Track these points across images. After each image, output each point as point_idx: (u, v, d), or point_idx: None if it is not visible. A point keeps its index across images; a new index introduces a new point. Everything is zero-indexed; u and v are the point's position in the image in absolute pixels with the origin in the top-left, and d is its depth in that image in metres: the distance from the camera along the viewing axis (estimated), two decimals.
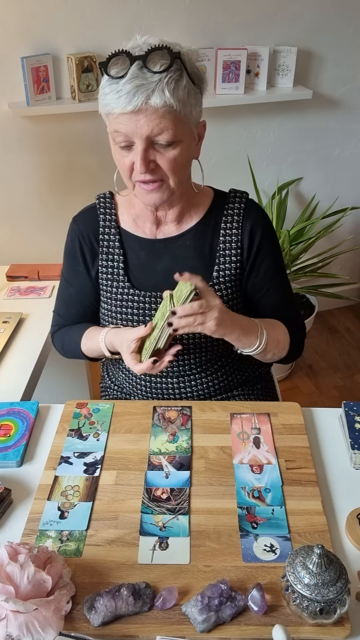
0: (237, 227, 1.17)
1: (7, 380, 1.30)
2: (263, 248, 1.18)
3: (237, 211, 1.17)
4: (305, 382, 2.62)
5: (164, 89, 0.95)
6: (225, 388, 1.29)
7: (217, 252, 1.18)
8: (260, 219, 1.19)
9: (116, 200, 1.23)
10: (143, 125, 0.97)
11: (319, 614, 0.76)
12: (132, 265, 1.20)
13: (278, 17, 2.22)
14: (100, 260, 1.21)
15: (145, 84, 0.94)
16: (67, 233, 1.25)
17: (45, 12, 1.93)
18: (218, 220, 1.18)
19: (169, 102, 0.96)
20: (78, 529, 0.93)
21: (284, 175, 2.58)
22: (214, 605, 0.78)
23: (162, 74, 0.94)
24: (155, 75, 0.94)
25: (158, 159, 1.02)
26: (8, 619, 0.72)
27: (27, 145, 2.13)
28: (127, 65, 0.95)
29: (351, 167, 2.69)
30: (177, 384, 1.26)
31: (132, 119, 0.97)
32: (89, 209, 1.24)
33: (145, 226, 1.19)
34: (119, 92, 0.95)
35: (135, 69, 0.94)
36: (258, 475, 1.02)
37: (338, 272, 2.81)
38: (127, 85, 0.94)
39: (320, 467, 1.05)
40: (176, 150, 1.02)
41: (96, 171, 2.26)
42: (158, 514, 0.95)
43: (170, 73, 0.95)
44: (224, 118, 2.34)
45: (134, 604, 0.79)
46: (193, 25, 2.13)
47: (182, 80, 0.98)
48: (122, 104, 0.95)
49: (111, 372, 1.39)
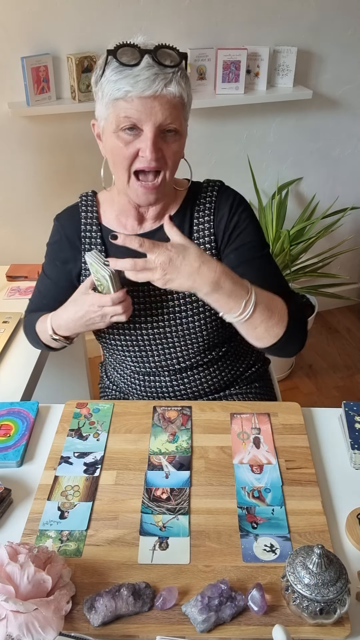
0: (209, 214, 1.16)
1: (7, 380, 1.30)
2: (237, 226, 1.15)
3: (209, 199, 1.17)
4: (305, 382, 2.62)
5: (179, 80, 0.99)
6: (221, 385, 1.29)
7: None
8: (231, 201, 1.16)
9: (98, 199, 1.24)
10: (158, 112, 0.98)
11: (319, 614, 0.76)
12: None
13: (278, 17, 2.22)
14: (83, 257, 1.22)
15: (161, 73, 0.97)
16: (51, 230, 1.27)
17: (45, 12, 1.93)
18: (192, 211, 1.18)
19: (182, 94, 1.00)
20: (78, 529, 0.93)
21: (284, 175, 2.58)
22: (214, 605, 0.78)
23: (173, 68, 0.98)
24: (167, 68, 0.98)
25: (164, 148, 1.03)
26: (8, 619, 0.72)
27: (27, 145, 2.13)
28: (137, 56, 0.97)
29: (351, 167, 2.69)
30: (169, 382, 1.26)
31: (147, 104, 0.97)
32: (71, 207, 1.25)
33: (127, 222, 1.19)
34: (137, 77, 0.96)
35: (148, 59, 0.97)
36: (258, 475, 1.02)
37: (338, 272, 2.82)
38: (145, 71, 0.96)
39: (320, 467, 1.05)
40: (178, 143, 1.04)
41: (96, 171, 2.23)
42: (158, 514, 0.95)
43: (180, 70, 1.00)
44: (224, 118, 2.34)
45: (134, 604, 0.79)
46: (193, 25, 2.13)
47: (188, 80, 1.03)
48: (140, 87, 0.96)
49: (109, 373, 1.39)
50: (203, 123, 2.32)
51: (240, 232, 1.15)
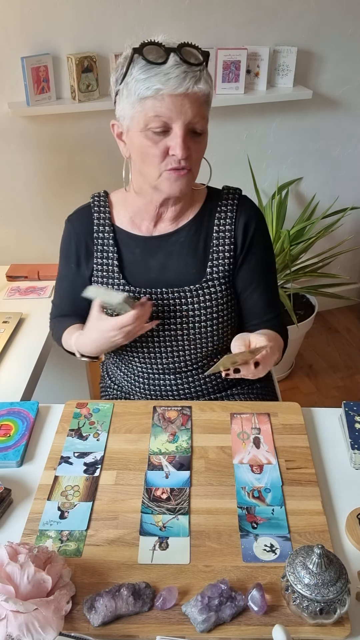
0: (231, 222, 1.17)
1: (7, 380, 1.30)
2: (255, 242, 1.19)
3: (230, 207, 1.18)
4: (305, 382, 2.62)
5: (206, 78, 1.00)
6: (224, 385, 1.30)
7: (211, 248, 1.18)
8: (253, 214, 1.19)
9: (110, 199, 1.23)
10: (188, 110, 0.99)
11: (319, 614, 0.76)
12: (127, 263, 1.20)
13: (278, 17, 2.22)
14: (95, 259, 1.21)
15: (190, 70, 0.97)
16: (63, 232, 1.26)
17: (45, 12, 1.93)
18: (212, 217, 1.18)
19: (210, 92, 1.01)
20: (78, 529, 0.93)
21: (284, 175, 2.58)
22: (214, 605, 0.78)
23: (199, 66, 0.99)
24: (194, 66, 0.98)
25: (192, 148, 1.04)
26: (8, 619, 0.72)
27: (27, 145, 2.13)
28: (163, 54, 0.97)
29: (351, 167, 2.69)
30: (174, 381, 1.26)
31: (177, 102, 0.98)
32: (83, 208, 1.24)
33: (142, 224, 1.19)
34: (167, 74, 0.96)
35: (175, 57, 0.97)
36: (258, 475, 1.02)
37: (338, 272, 2.81)
38: (175, 69, 0.97)
39: (320, 467, 1.05)
40: (204, 142, 1.06)
41: (96, 171, 2.26)
42: (158, 514, 0.95)
43: (204, 68, 1.00)
44: (224, 118, 2.34)
45: (134, 604, 0.79)
46: (193, 25, 2.13)
47: (211, 78, 1.04)
48: (172, 85, 0.96)
49: (111, 372, 1.39)
50: None
51: (259, 249, 1.20)
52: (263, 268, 1.22)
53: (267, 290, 1.24)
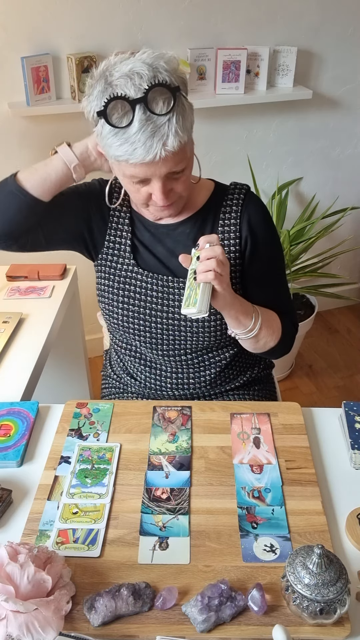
0: (236, 217, 1.17)
1: (7, 380, 1.30)
2: (263, 237, 1.18)
3: (236, 202, 1.18)
4: (305, 382, 2.62)
5: (176, 130, 0.93)
6: (224, 379, 1.30)
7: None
8: (259, 210, 1.19)
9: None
10: (161, 168, 0.97)
11: (319, 614, 0.76)
12: (138, 245, 1.21)
13: (278, 17, 2.22)
14: (108, 236, 1.21)
15: (157, 130, 0.92)
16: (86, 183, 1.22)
17: (45, 12, 1.93)
18: (217, 211, 1.18)
19: (183, 140, 0.95)
20: None
21: (284, 175, 2.58)
22: (214, 605, 0.78)
23: (168, 115, 0.92)
24: (161, 117, 0.92)
25: (174, 186, 1.04)
26: (8, 619, 0.72)
27: (27, 145, 2.13)
28: (128, 110, 0.92)
29: (351, 167, 2.69)
30: (174, 368, 1.27)
31: (150, 166, 0.96)
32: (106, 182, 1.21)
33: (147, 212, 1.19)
34: (133, 143, 0.93)
35: (140, 114, 0.91)
36: (258, 475, 1.02)
37: (338, 272, 2.82)
38: (141, 135, 0.92)
39: (320, 467, 1.05)
40: (187, 172, 1.04)
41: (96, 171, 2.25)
42: (158, 514, 0.95)
43: (175, 109, 0.93)
44: (224, 118, 2.34)
45: (134, 604, 0.79)
46: (193, 25, 2.13)
47: (185, 109, 0.96)
48: (139, 155, 0.93)
49: (113, 361, 1.41)
50: (203, 123, 2.32)
51: (265, 244, 1.19)
52: (269, 264, 1.22)
53: (276, 284, 1.24)
